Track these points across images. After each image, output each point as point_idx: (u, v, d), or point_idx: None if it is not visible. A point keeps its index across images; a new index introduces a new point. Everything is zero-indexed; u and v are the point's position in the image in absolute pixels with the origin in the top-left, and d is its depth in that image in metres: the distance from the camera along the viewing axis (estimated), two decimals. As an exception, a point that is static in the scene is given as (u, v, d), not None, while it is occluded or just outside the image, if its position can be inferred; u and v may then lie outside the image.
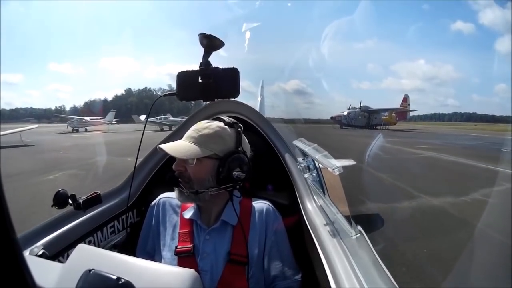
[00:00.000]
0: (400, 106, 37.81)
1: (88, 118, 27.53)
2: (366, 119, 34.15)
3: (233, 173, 0.80)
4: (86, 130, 25.47)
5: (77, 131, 24.80)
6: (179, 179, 0.83)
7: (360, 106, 34.99)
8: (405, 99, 38.71)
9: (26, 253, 0.69)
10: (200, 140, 0.83)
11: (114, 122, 27.01)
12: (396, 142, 14.15)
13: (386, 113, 34.96)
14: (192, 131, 0.86)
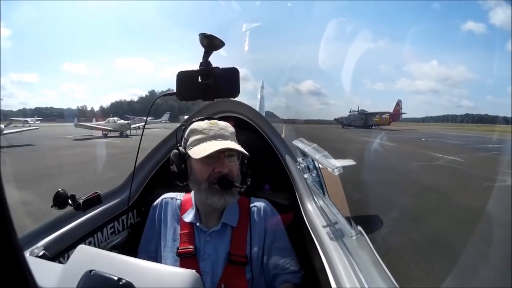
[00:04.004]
0: (394, 109, 46.00)
1: (147, 119, 31.51)
2: (364, 121, 41.26)
3: (247, 170, 0.89)
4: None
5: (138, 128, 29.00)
6: (229, 180, 0.81)
7: (358, 109, 42.26)
8: (398, 104, 46.32)
9: (27, 254, 0.69)
10: (234, 139, 0.87)
11: (168, 121, 30.95)
12: (364, 136, 21.71)
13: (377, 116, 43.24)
14: (220, 129, 0.86)
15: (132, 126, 21.05)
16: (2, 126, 16.47)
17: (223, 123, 0.88)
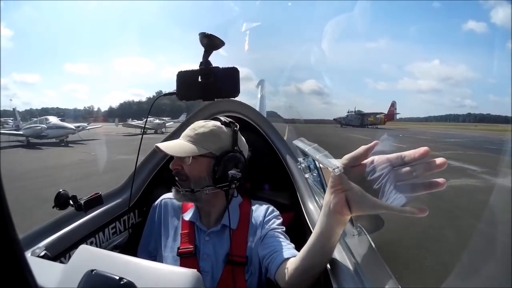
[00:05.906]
0: (388, 110, 50.38)
1: (166, 119, 33.43)
2: (360, 120, 45.64)
3: (229, 172, 0.80)
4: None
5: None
6: (176, 178, 0.83)
7: (355, 110, 47.12)
8: (393, 105, 50.56)
9: (28, 254, 0.69)
10: (196, 139, 0.83)
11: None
12: (350, 132, 26.03)
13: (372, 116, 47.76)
14: (188, 130, 0.87)
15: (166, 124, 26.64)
16: (85, 124, 20.75)
17: (201, 124, 0.87)
